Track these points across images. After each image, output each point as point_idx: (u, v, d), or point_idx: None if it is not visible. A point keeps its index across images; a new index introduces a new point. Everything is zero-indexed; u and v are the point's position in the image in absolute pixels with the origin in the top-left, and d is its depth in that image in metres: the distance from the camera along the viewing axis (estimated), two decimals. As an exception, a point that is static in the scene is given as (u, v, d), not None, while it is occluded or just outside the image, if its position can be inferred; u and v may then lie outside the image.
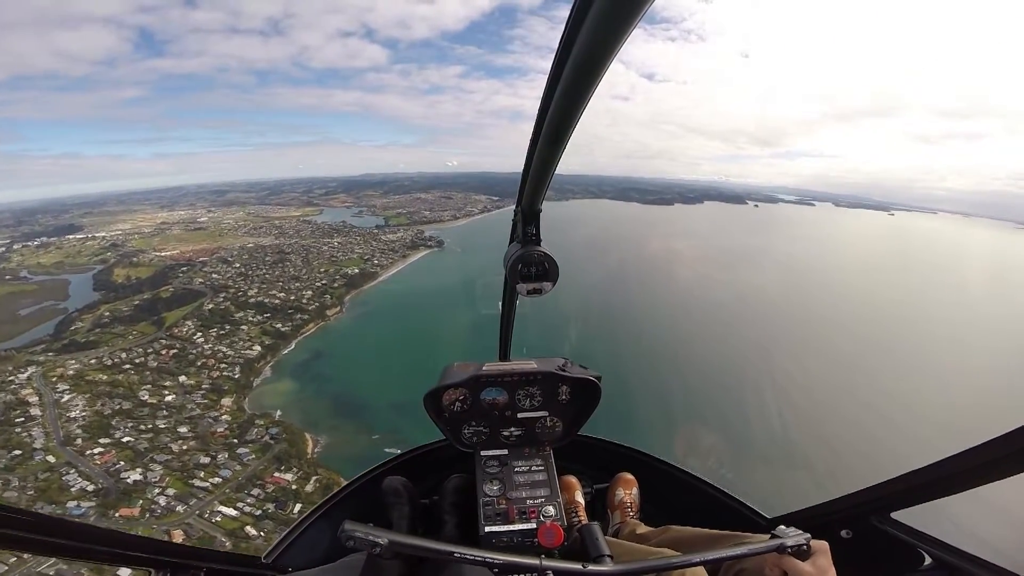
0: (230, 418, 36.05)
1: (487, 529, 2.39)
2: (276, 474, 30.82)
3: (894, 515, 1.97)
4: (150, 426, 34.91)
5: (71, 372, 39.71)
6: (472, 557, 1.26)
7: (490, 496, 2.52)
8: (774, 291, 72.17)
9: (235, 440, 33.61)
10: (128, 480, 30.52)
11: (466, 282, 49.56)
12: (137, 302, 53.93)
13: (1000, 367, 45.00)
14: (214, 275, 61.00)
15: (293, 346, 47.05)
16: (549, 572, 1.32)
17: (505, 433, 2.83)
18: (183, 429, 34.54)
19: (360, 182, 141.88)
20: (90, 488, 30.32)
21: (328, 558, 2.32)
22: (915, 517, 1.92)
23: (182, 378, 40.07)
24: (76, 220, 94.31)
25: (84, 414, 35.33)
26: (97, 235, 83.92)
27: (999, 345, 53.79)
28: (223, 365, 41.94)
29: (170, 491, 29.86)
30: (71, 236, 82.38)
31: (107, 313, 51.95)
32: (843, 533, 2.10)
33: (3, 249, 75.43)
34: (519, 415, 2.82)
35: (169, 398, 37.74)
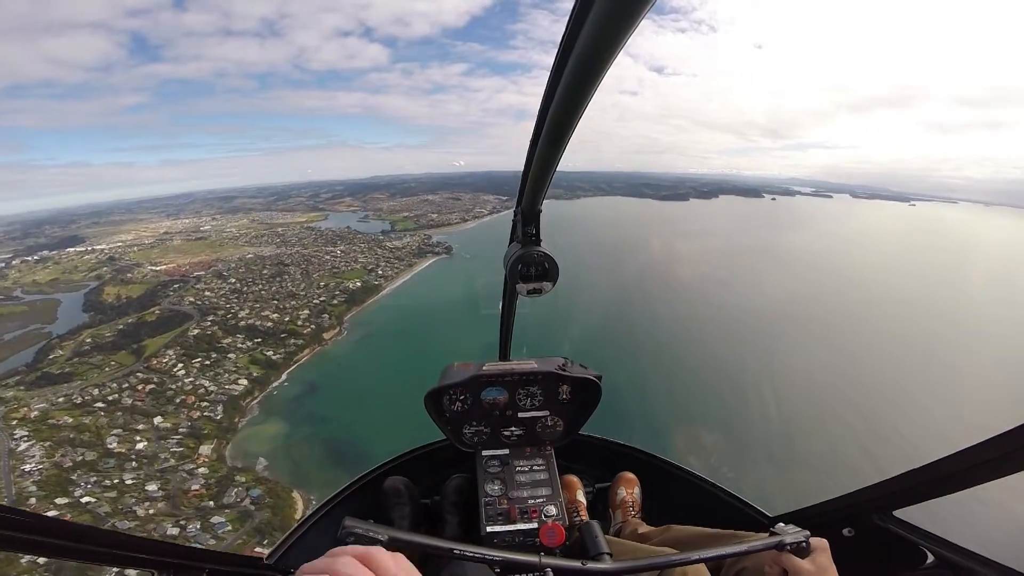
0: (207, 471, 30.94)
1: (489, 529, 2.37)
2: (257, 549, 25.47)
3: (896, 513, 1.95)
4: (115, 481, 30.04)
5: (35, 413, 35.13)
6: (472, 554, 1.25)
7: (491, 496, 2.50)
8: (805, 291, 68.70)
9: (210, 503, 28.44)
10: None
11: (477, 295, 44.37)
12: (121, 326, 49.59)
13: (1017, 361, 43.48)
14: (207, 292, 56.72)
15: (284, 378, 41.80)
16: (548, 569, 1.33)
17: (506, 433, 2.82)
18: (152, 487, 29.51)
19: (367, 185, 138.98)
20: (41, 561, 25.71)
21: None
22: (917, 516, 1.89)
23: (157, 419, 35.14)
24: (82, 231, 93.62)
25: (41, 466, 30.65)
26: (97, 247, 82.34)
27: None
28: (204, 403, 36.92)
29: (130, 571, 24.79)
30: (71, 249, 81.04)
31: (89, 340, 47.70)
32: (845, 531, 2.07)
33: (2, 265, 74.47)
34: (520, 415, 2.82)
35: (140, 445, 32.83)
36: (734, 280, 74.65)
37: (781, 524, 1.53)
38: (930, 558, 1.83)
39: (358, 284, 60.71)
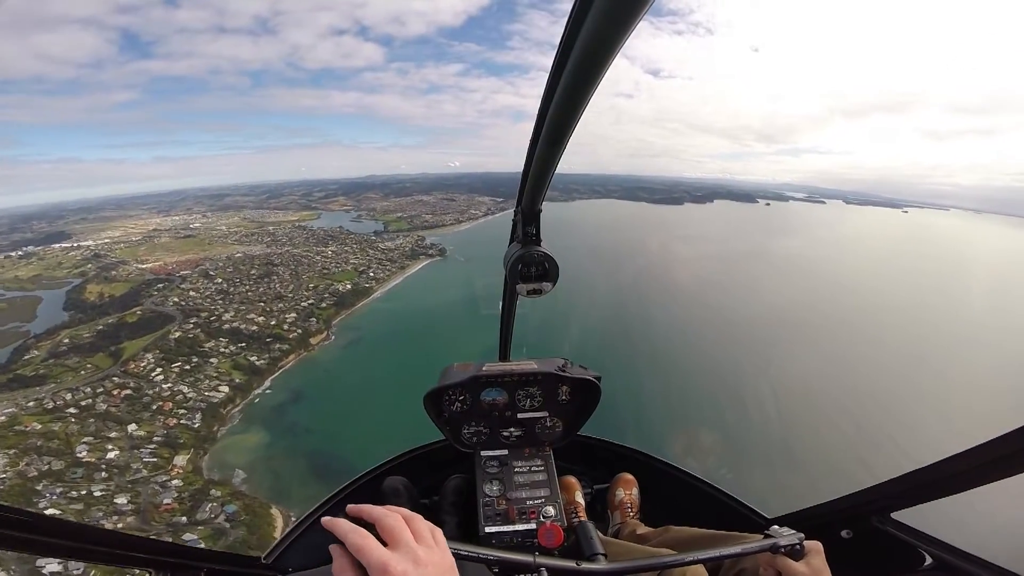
0: (182, 483, 29.46)
1: (487, 529, 2.37)
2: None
3: (895, 515, 1.94)
4: (83, 493, 28.50)
5: (1, 419, 33.50)
6: (466, 553, 1.26)
7: (490, 496, 2.50)
8: (799, 296, 68.71)
9: (183, 518, 26.99)
10: (43, 571, 24.12)
11: (471, 299, 43.44)
12: (101, 327, 47.90)
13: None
14: (192, 293, 55.05)
15: (268, 385, 40.14)
16: (543, 569, 1.35)
17: (505, 433, 2.82)
18: (121, 500, 28.02)
19: (361, 184, 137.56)
20: (0, 577, 24.29)
21: (328, 559, 2.16)
22: (916, 518, 1.86)
23: (132, 427, 33.54)
24: (69, 227, 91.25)
25: (4, 476, 29.04)
26: (83, 244, 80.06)
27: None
28: (182, 411, 35.33)
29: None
30: (56, 245, 78.69)
31: (66, 340, 45.97)
32: (843, 533, 2.07)
33: (-16, 260, 72.57)
34: (519, 415, 2.82)
35: (112, 454, 31.27)
36: (729, 284, 74.59)
37: (775, 526, 1.54)
38: (928, 560, 1.82)
39: (348, 286, 59.15)
